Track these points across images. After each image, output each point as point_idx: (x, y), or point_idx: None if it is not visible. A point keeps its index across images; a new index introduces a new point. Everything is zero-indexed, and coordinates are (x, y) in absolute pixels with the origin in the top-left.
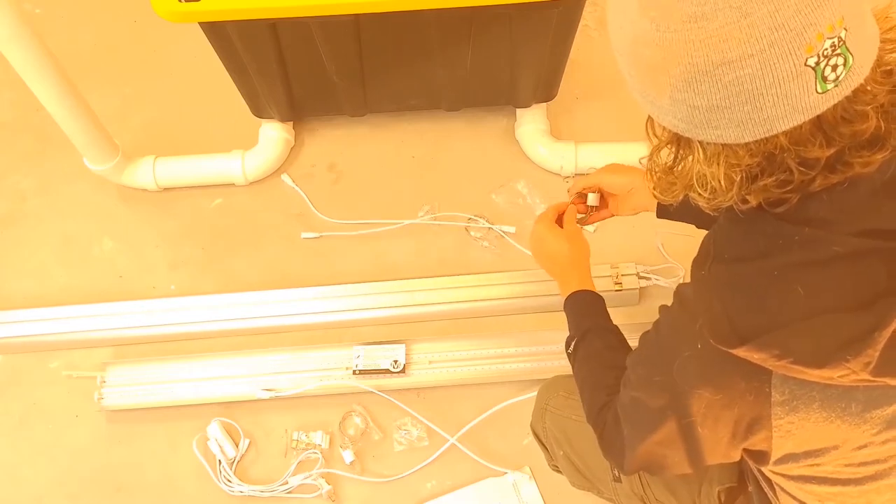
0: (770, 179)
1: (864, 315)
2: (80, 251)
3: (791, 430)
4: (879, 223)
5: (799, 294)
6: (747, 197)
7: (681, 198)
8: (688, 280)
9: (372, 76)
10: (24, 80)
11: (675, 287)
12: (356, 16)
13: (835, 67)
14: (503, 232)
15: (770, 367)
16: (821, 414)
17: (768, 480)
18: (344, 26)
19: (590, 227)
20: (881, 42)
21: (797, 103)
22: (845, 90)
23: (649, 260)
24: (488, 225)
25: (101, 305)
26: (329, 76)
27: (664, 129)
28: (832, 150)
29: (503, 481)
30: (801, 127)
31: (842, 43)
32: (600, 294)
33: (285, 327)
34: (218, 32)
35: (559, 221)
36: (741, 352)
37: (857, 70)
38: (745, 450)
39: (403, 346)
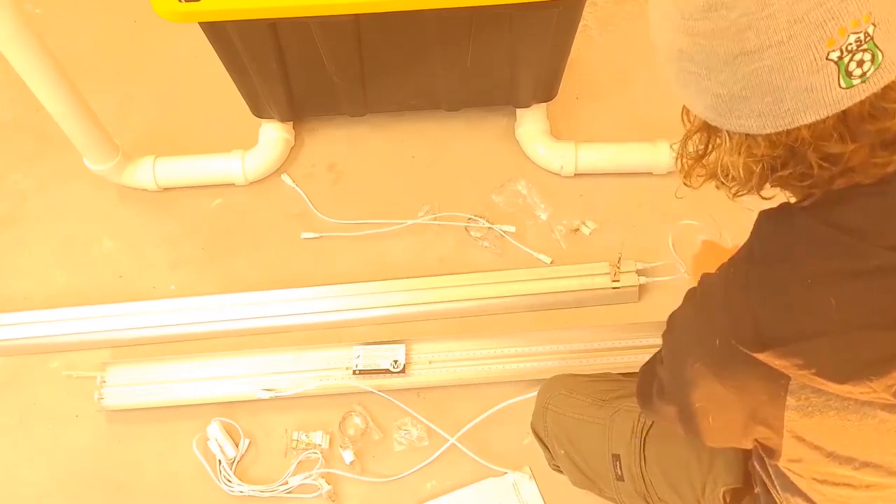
0: (787, 171)
1: (893, 335)
2: (80, 251)
3: (802, 435)
4: None
5: (830, 306)
6: (765, 187)
7: (702, 184)
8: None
9: (372, 76)
10: (24, 80)
11: (672, 285)
12: (356, 16)
13: (861, 63)
14: (503, 232)
15: (790, 374)
16: (836, 423)
17: (771, 477)
18: (344, 26)
19: (585, 231)
20: None
21: (819, 97)
22: (874, 87)
23: (649, 257)
24: (488, 225)
25: (102, 307)
26: (329, 76)
27: (696, 117)
28: (853, 146)
29: (503, 481)
30: (824, 121)
31: (869, 38)
32: None
33: (285, 327)
34: (218, 32)
35: None
36: (762, 356)
37: (888, 67)
38: (756, 441)
39: (403, 346)
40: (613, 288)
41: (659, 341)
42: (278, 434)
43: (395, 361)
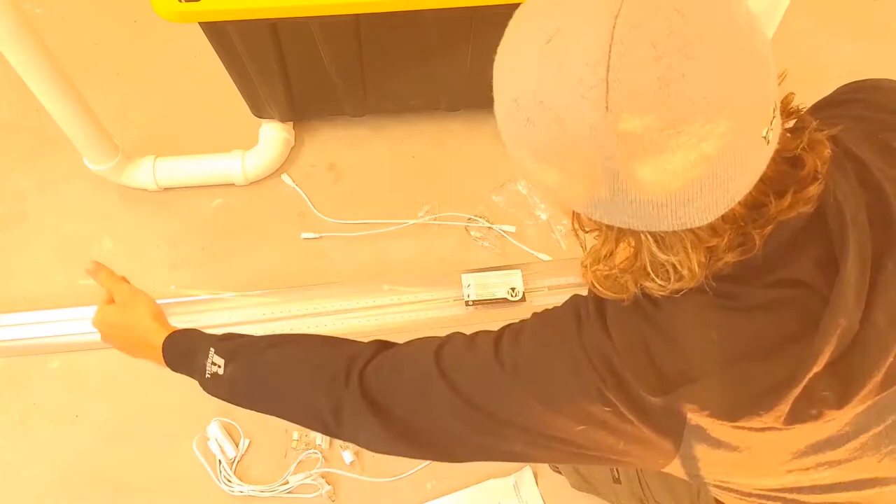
0: (736, 251)
1: (777, 366)
2: (80, 251)
3: (712, 475)
4: (787, 274)
5: (712, 341)
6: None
7: (633, 291)
8: None
9: (372, 76)
10: (24, 80)
11: None
12: (356, 16)
13: (774, 129)
14: (503, 232)
15: (686, 415)
16: (730, 456)
17: None
18: (344, 26)
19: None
20: None
21: (752, 172)
22: (775, 144)
23: None
24: (488, 225)
25: None
26: (329, 76)
27: (602, 224)
28: (788, 200)
29: (505, 482)
30: (751, 192)
31: (776, 106)
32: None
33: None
34: (218, 32)
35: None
36: (660, 401)
37: (778, 122)
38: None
39: (519, 271)
40: None
41: None
42: (278, 434)
43: (513, 289)
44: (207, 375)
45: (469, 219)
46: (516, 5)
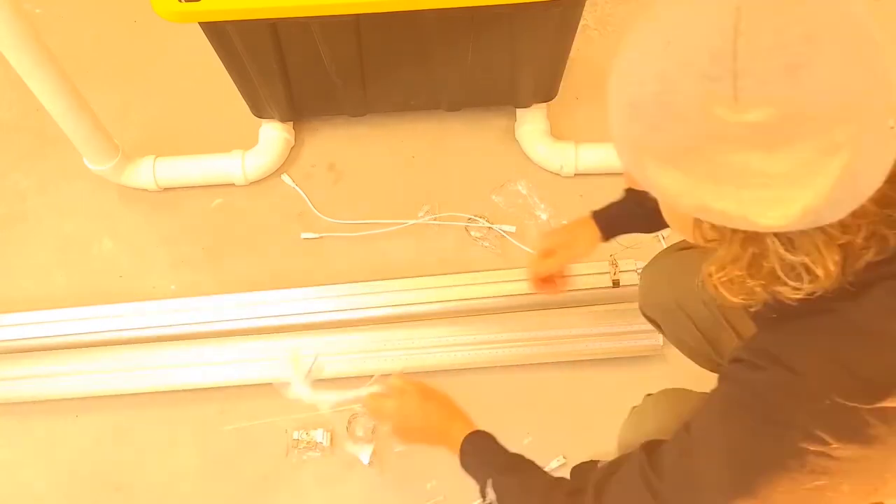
0: (870, 251)
1: None
2: (80, 251)
3: None
4: None
5: None
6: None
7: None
8: None
9: (372, 76)
10: (24, 80)
11: None
12: (356, 16)
13: None
14: (504, 232)
15: None
16: None
17: None
18: (344, 26)
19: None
20: None
21: (881, 165)
22: None
23: (649, 256)
24: (488, 225)
25: (102, 307)
26: (329, 76)
27: (726, 230)
28: None
29: None
30: (880, 189)
31: None
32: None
33: (285, 327)
34: (218, 32)
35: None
36: (884, 403)
37: None
38: None
39: None
40: (613, 287)
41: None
42: (279, 434)
43: None
44: (486, 501)
45: (469, 219)
46: (516, 5)
